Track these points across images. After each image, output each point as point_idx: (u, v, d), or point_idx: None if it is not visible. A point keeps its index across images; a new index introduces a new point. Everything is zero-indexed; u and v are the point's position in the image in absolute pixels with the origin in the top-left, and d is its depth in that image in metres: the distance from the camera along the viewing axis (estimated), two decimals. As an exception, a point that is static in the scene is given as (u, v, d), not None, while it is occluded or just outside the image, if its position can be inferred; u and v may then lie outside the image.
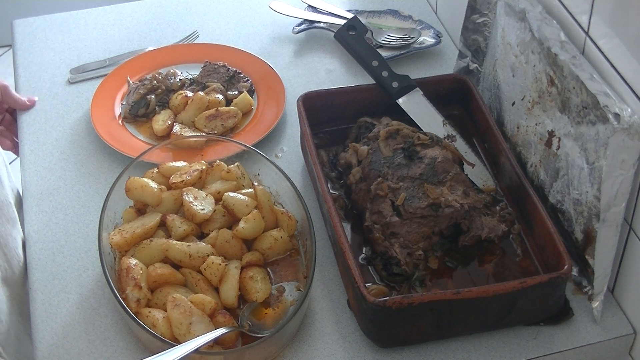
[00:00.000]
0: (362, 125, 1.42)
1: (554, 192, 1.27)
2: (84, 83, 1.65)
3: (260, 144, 1.47)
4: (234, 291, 1.19)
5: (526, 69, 1.31)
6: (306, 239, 1.25)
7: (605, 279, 1.20)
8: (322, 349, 1.20)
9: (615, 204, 1.14)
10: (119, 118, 1.55)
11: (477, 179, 1.36)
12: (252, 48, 1.69)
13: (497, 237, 1.28)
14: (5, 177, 1.43)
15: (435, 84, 1.46)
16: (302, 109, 1.39)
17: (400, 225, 1.25)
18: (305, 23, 1.74)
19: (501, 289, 1.14)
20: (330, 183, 1.37)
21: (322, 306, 1.25)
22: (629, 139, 1.09)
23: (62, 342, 1.22)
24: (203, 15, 1.81)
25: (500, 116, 1.43)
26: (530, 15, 1.28)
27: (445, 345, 1.20)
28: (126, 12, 1.82)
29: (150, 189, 1.27)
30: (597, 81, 1.15)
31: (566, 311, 1.23)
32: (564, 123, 1.22)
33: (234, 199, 1.26)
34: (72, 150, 1.51)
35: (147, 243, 1.22)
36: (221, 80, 1.59)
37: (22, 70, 1.68)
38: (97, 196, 1.41)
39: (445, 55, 1.67)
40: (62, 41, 1.75)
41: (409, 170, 1.29)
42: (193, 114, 1.51)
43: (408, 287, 1.22)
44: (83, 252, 1.33)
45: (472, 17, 1.48)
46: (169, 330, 1.15)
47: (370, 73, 1.45)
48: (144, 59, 1.66)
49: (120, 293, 1.17)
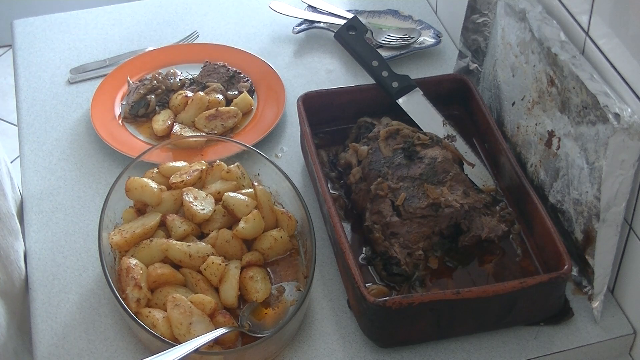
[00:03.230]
0: (362, 125, 1.42)
1: (554, 192, 1.27)
2: (84, 83, 1.65)
3: (260, 144, 1.47)
4: (234, 291, 1.19)
5: (526, 69, 1.31)
6: (306, 239, 1.25)
7: (605, 279, 1.20)
8: (322, 349, 1.20)
9: (615, 204, 1.14)
10: (119, 118, 1.55)
11: (477, 179, 1.36)
12: (252, 48, 1.69)
13: (497, 237, 1.28)
14: (9, 189, 1.41)
15: (435, 84, 1.46)
16: (302, 109, 1.39)
17: (400, 225, 1.25)
18: (305, 23, 1.74)
19: (501, 289, 1.14)
20: (330, 183, 1.37)
21: (322, 306, 1.25)
22: (629, 139, 1.09)
23: (62, 342, 1.22)
24: (203, 15, 1.81)
25: (500, 116, 1.43)
26: (530, 15, 1.28)
27: (445, 345, 1.20)
28: (126, 12, 1.82)
29: (150, 189, 1.27)
30: (597, 81, 1.15)
31: (566, 311, 1.23)
32: (564, 123, 1.22)
33: (234, 199, 1.26)
34: (72, 150, 1.51)
35: (147, 243, 1.22)
36: (221, 80, 1.59)
37: (22, 70, 1.68)
38: (97, 196, 1.41)
39: (445, 55, 1.67)
40: (62, 41, 1.75)
41: (409, 170, 1.29)
42: (193, 114, 1.51)
43: (408, 287, 1.22)
44: (83, 252, 1.33)
45: (472, 17, 1.48)
46: (169, 330, 1.15)
47: (370, 73, 1.45)
48: (144, 59, 1.66)
49: (120, 293, 1.17)
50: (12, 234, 1.33)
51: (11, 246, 1.31)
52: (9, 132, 3.04)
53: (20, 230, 1.38)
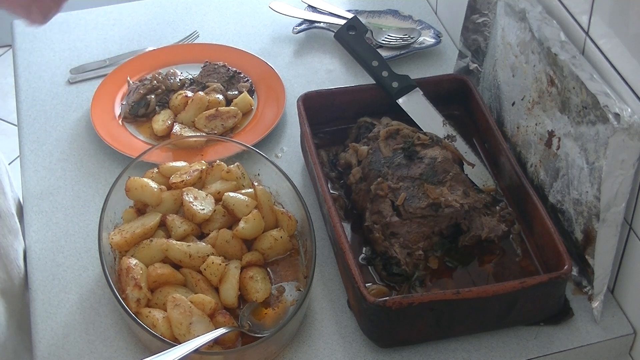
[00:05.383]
0: (362, 125, 1.42)
1: (554, 192, 1.27)
2: (84, 83, 1.65)
3: (260, 144, 1.47)
4: (234, 291, 1.19)
5: (526, 69, 1.31)
6: (306, 239, 1.25)
7: (605, 279, 1.20)
8: (322, 349, 1.20)
9: (615, 204, 1.14)
10: (119, 118, 1.55)
11: (477, 179, 1.36)
12: (252, 48, 1.69)
13: (497, 237, 1.28)
14: (8, 187, 1.41)
15: (435, 84, 1.46)
16: (302, 109, 1.39)
17: (400, 225, 1.25)
18: (305, 23, 1.74)
19: (501, 289, 1.14)
20: (330, 183, 1.37)
21: (322, 306, 1.25)
22: (629, 139, 1.09)
23: (62, 342, 1.22)
24: (203, 15, 1.81)
25: (500, 116, 1.43)
26: (530, 15, 1.28)
27: (445, 345, 1.20)
28: (126, 12, 1.82)
29: (150, 189, 1.27)
30: (597, 81, 1.15)
31: (566, 311, 1.23)
32: (564, 123, 1.22)
33: (234, 199, 1.26)
34: (72, 150, 1.51)
35: (147, 243, 1.22)
36: (221, 80, 1.59)
37: (22, 70, 1.68)
38: (97, 196, 1.41)
39: (445, 55, 1.67)
40: (62, 41, 1.74)
41: (409, 170, 1.29)
42: (193, 114, 1.51)
43: (408, 287, 1.22)
44: (83, 252, 1.33)
45: (472, 17, 1.48)
46: (169, 330, 1.15)
47: (370, 73, 1.45)
48: (144, 59, 1.66)
49: (120, 293, 1.17)
50: (12, 232, 1.33)
51: (11, 245, 1.31)
52: (9, 132, 3.04)
53: (20, 230, 1.38)
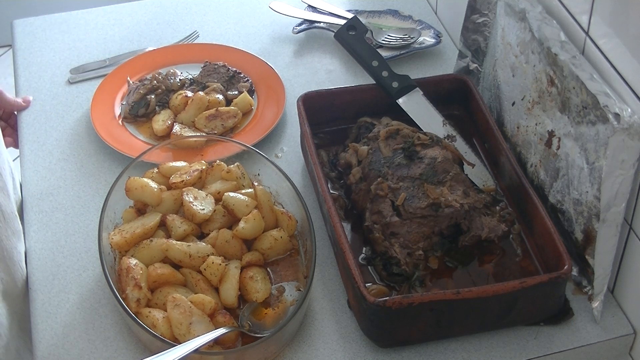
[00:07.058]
0: (362, 125, 1.42)
1: (554, 192, 1.27)
2: (84, 83, 1.65)
3: (260, 144, 1.47)
4: (234, 291, 1.19)
5: (526, 69, 1.31)
6: (306, 239, 1.25)
7: (605, 279, 1.20)
8: (322, 349, 1.20)
9: (615, 204, 1.14)
10: (119, 118, 1.55)
11: (477, 179, 1.36)
12: (252, 48, 1.69)
13: (497, 237, 1.28)
14: (11, 189, 1.41)
15: (435, 84, 1.46)
16: (302, 109, 1.39)
17: (400, 225, 1.25)
18: (305, 23, 1.74)
19: (501, 289, 1.14)
20: (330, 183, 1.37)
21: (322, 306, 1.25)
22: (629, 139, 1.09)
23: (62, 342, 1.22)
24: (203, 15, 1.81)
25: (500, 116, 1.43)
26: (530, 15, 1.28)
27: (445, 345, 1.20)
28: (126, 12, 1.82)
29: (150, 189, 1.27)
30: (597, 81, 1.15)
31: (566, 311, 1.23)
32: (564, 123, 1.22)
33: (234, 199, 1.26)
34: (72, 150, 1.51)
35: (147, 243, 1.22)
36: (221, 80, 1.59)
37: (22, 70, 1.68)
38: (97, 196, 1.41)
39: (445, 55, 1.67)
40: (62, 41, 1.75)
41: (409, 170, 1.29)
42: (193, 114, 1.51)
43: (408, 287, 1.22)
44: (83, 252, 1.33)
45: (472, 17, 1.48)
46: (169, 330, 1.15)
47: (370, 73, 1.45)
48: (144, 59, 1.66)
49: (120, 293, 1.17)
50: (15, 234, 1.33)
51: (14, 247, 1.31)
52: (9, 132, 3.03)
53: (22, 232, 1.38)
